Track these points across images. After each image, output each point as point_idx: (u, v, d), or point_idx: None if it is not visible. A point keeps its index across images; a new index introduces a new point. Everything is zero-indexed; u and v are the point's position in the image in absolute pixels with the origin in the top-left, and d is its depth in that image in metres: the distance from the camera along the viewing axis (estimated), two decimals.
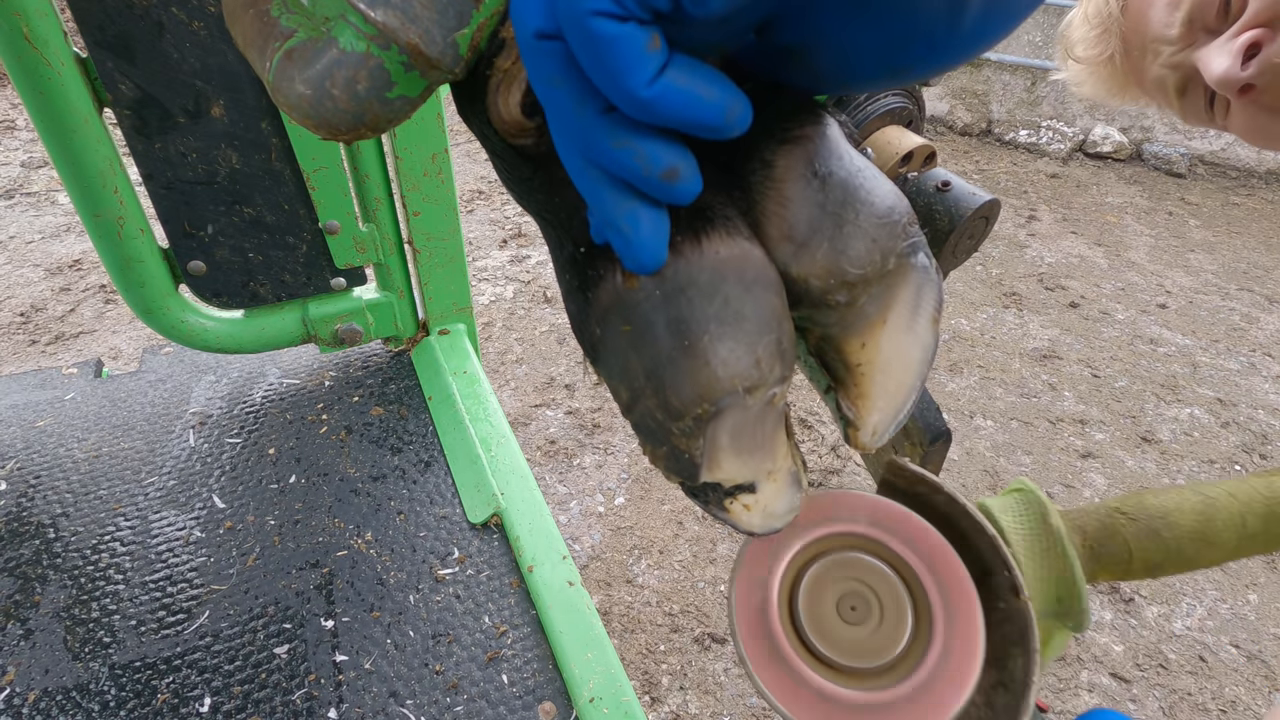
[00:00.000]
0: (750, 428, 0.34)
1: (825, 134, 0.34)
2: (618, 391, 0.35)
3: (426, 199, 1.12)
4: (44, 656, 0.79)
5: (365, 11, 0.29)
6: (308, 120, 0.32)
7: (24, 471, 1.00)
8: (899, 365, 0.37)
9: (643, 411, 0.34)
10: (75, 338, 2.83)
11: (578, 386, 2.69)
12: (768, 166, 0.34)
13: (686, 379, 0.32)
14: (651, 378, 0.32)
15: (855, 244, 0.34)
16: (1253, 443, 2.59)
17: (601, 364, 0.35)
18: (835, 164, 0.34)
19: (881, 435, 0.38)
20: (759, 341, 0.32)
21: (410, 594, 0.86)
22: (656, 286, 0.31)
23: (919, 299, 0.36)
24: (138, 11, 0.85)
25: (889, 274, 0.35)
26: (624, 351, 0.33)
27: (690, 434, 0.33)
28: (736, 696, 1.77)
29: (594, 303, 0.33)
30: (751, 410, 0.33)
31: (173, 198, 0.98)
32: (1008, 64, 4.96)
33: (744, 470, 0.35)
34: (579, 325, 0.35)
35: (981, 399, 2.74)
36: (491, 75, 0.32)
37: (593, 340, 0.34)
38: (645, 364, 0.32)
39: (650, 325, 0.32)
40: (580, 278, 0.34)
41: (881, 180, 0.35)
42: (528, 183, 0.36)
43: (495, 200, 3.99)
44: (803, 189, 0.33)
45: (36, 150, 4.15)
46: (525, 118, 0.32)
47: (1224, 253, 3.84)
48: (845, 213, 0.34)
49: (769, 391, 0.33)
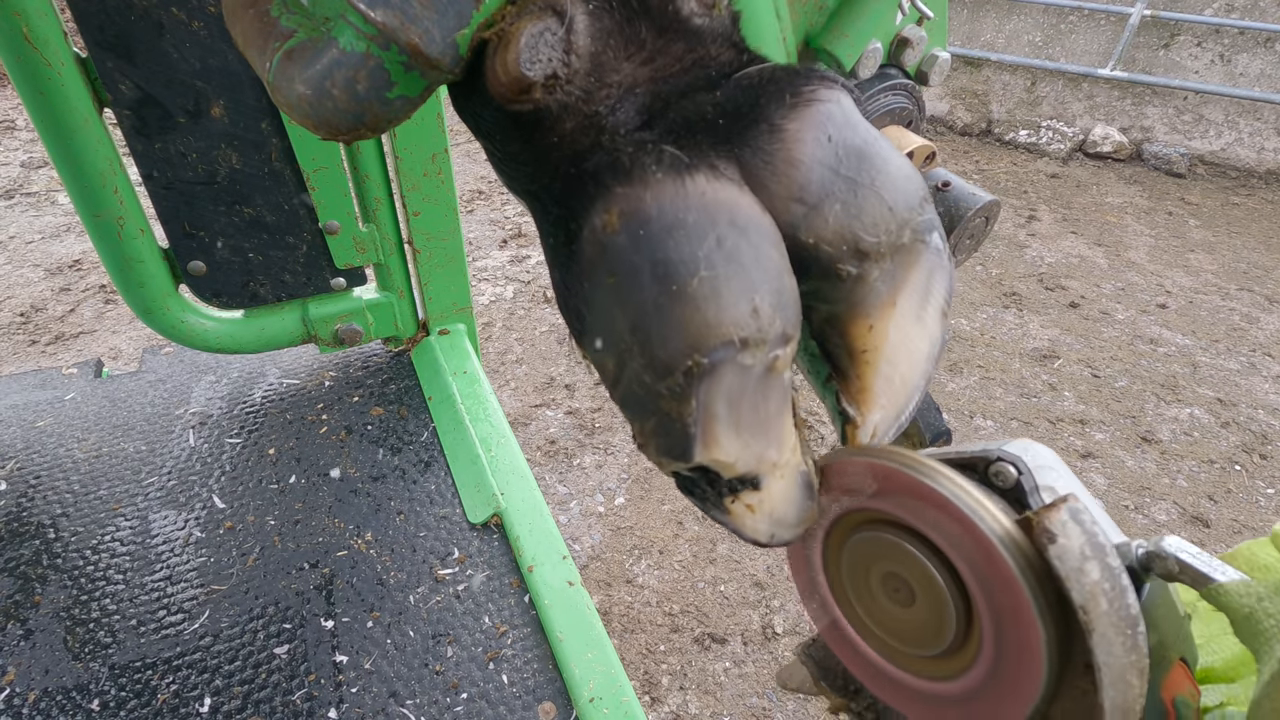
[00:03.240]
0: (750, 397, 0.31)
1: (840, 100, 0.33)
2: (604, 364, 0.32)
3: (426, 199, 1.12)
4: (44, 656, 0.79)
5: (365, 11, 0.29)
6: (308, 120, 0.32)
7: (24, 471, 1.00)
8: (905, 357, 0.35)
9: (630, 378, 0.31)
10: (75, 338, 2.83)
11: (578, 386, 2.69)
12: (777, 130, 0.32)
13: (674, 326, 0.29)
14: (637, 331, 0.30)
15: (870, 208, 0.32)
16: (1253, 443, 2.59)
17: (588, 333, 0.32)
18: (850, 131, 0.32)
19: (882, 436, 0.36)
20: (757, 289, 0.29)
21: (410, 594, 0.86)
22: (640, 226, 0.29)
23: (930, 285, 0.34)
24: (138, 11, 0.85)
25: (903, 249, 0.33)
26: (610, 310, 0.31)
27: (680, 395, 0.30)
28: (736, 696, 1.77)
29: (578, 258, 0.32)
30: (750, 374, 0.30)
31: (173, 198, 0.98)
32: (1008, 64, 4.96)
33: (744, 454, 0.32)
34: (564, 294, 0.33)
35: (981, 399, 2.74)
36: (487, 43, 0.32)
37: (578, 305, 0.32)
38: (631, 316, 0.30)
39: (635, 271, 0.29)
40: (563, 234, 0.33)
41: (898, 153, 0.33)
42: (518, 157, 0.35)
43: (495, 200, 3.99)
44: (815, 150, 0.31)
45: (36, 150, 4.15)
46: (522, 72, 0.31)
47: (1224, 253, 3.84)
48: (860, 176, 0.32)
49: (769, 352, 0.30)
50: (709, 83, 0.34)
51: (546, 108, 0.32)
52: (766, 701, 1.76)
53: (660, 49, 0.33)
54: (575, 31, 0.31)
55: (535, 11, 0.31)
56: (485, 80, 0.32)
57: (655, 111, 0.33)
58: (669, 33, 0.33)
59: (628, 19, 0.33)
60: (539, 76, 0.31)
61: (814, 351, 0.37)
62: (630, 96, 0.33)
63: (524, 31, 0.30)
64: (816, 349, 0.37)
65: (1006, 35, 4.98)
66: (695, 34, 0.34)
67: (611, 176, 0.31)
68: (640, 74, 0.33)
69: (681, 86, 0.33)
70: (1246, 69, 4.38)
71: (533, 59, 0.31)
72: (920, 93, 0.71)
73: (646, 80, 0.33)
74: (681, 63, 0.34)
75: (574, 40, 0.31)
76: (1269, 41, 4.28)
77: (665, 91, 0.33)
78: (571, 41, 0.31)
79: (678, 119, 0.33)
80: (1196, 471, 2.47)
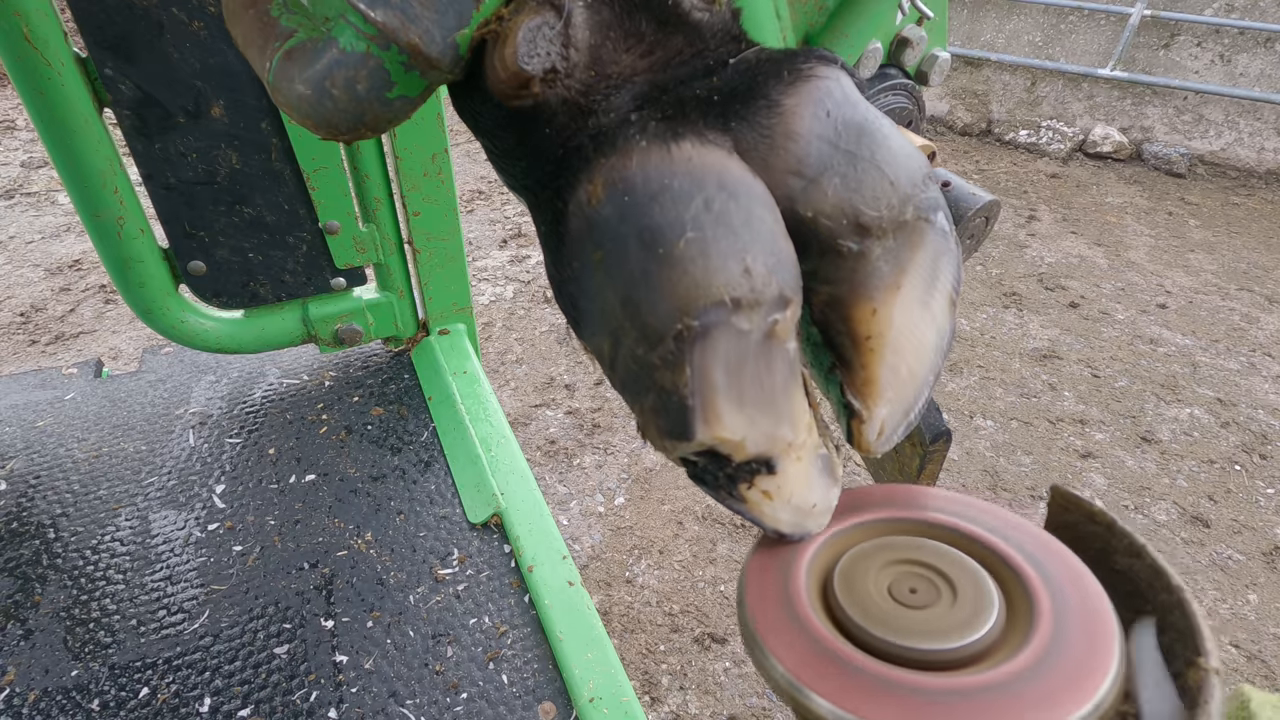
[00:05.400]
0: (751, 367, 0.29)
1: (839, 78, 0.32)
2: (600, 347, 0.32)
3: (426, 199, 1.12)
4: (44, 656, 0.79)
5: (365, 11, 0.29)
6: (308, 120, 0.32)
7: (24, 471, 1.00)
8: (911, 346, 0.33)
9: (625, 356, 0.30)
10: (75, 338, 2.83)
11: (578, 386, 2.69)
12: (775, 105, 0.31)
13: (662, 290, 0.28)
14: (628, 304, 0.29)
15: (870, 181, 0.31)
16: (1253, 443, 2.59)
17: (582, 316, 0.32)
18: (849, 107, 0.32)
19: (889, 435, 0.34)
20: (749, 249, 0.28)
21: (410, 594, 0.86)
22: (624, 194, 0.29)
23: (937, 268, 0.33)
24: (138, 11, 0.85)
25: (906, 227, 0.32)
26: (600, 287, 0.30)
27: (673, 362, 0.28)
28: (737, 696, 1.77)
29: (567, 238, 0.31)
30: (748, 340, 0.29)
31: (173, 198, 0.98)
32: (1008, 64, 4.96)
33: (752, 432, 0.30)
34: (557, 280, 0.33)
35: (981, 399, 2.74)
36: (486, 40, 0.32)
37: (571, 288, 0.32)
38: (621, 289, 0.29)
39: (622, 241, 0.29)
40: (552, 213, 0.32)
41: (899, 132, 0.33)
42: (515, 155, 0.34)
43: (495, 200, 3.99)
44: (813, 124, 0.31)
45: (36, 150, 4.15)
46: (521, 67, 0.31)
47: (1224, 253, 3.84)
48: (860, 150, 0.31)
49: (766, 315, 0.29)
50: (707, 72, 0.33)
51: (545, 102, 0.32)
52: (766, 701, 1.76)
53: (660, 42, 0.33)
54: (574, 25, 0.31)
55: (533, 6, 0.30)
56: (485, 76, 0.32)
57: (650, 98, 0.33)
58: (669, 26, 0.33)
59: (627, 12, 0.32)
60: (538, 71, 0.31)
61: (816, 340, 0.35)
62: (627, 85, 0.33)
63: (522, 26, 0.30)
64: (819, 337, 0.35)
65: (1006, 35, 4.98)
66: (695, 28, 0.34)
67: (595, 149, 0.30)
68: (639, 66, 0.33)
69: (681, 76, 0.33)
70: (1246, 69, 4.38)
71: (531, 53, 0.30)
72: (920, 93, 0.71)
73: (645, 71, 0.33)
74: (681, 55, 0.34)
75: (572, 34, 0.31)
76: (1269, 41, 4.28)
77: (663, 80, 0.33)
78: (570, 35, 0.31)
79: (671, 101, 0.32)
80: (1196, 471, 2.47)
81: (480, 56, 0.32)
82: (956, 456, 2.48)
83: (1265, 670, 1.88)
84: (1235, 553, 2.18)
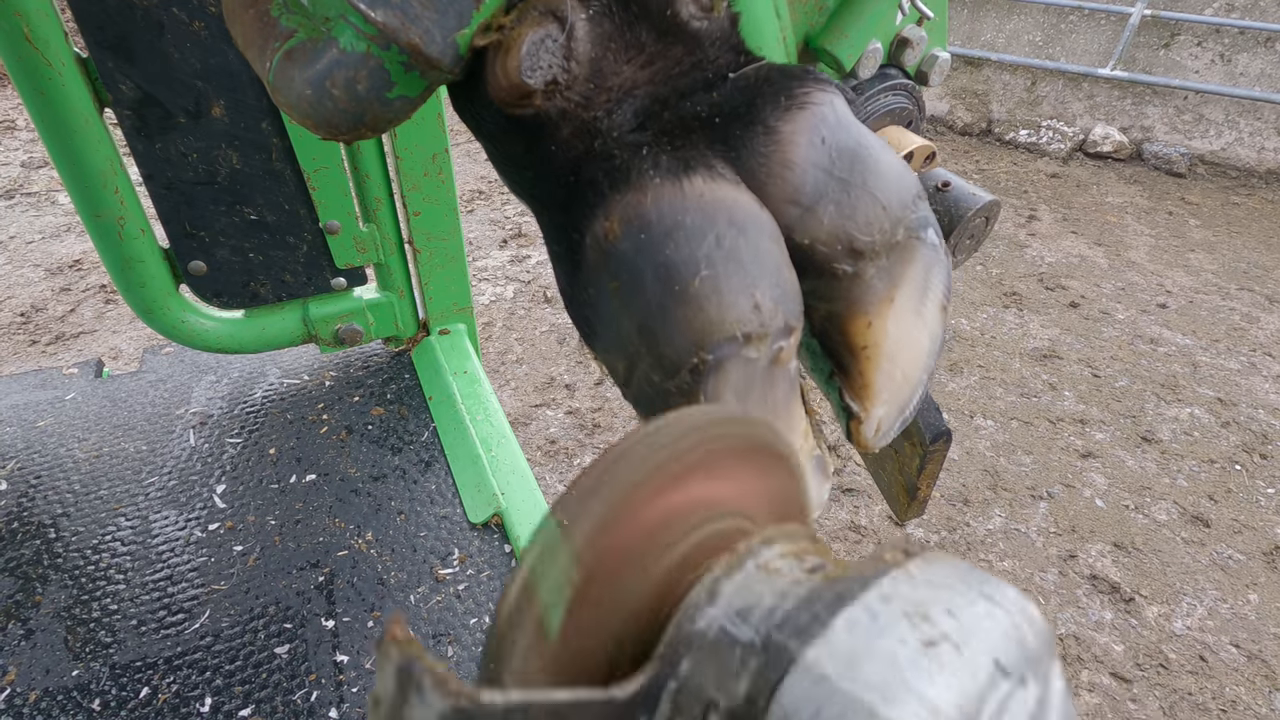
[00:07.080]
0: (757, 389, 0.31)
1: (833, 103, 0.34)
2: (614, 366, 0.33)
3: (427, 199, 1.12)
4: (45, 656, 0.79)
5: (365, 12, 0.29)
6: (308, 120, 0.32)
7: (25, 471, 1.00)
8: (906, 352, 0.35)
9: (640, 378, 0.32)
10: (75, 338, 2.83)
11: (578, 386, 2.69)
12: (772, 132, 0.33)
13: (679, 326, 0.29)
14: (644, 333, 0.30)
15: (863, 208, 0.33)
16: (1253, 442, 2.59)
17: (597, 337, 0.33)
18: (843, 132, 0.33)
19: (886, 432, 0.36)
20: (757, 284, 0.30)
21: (411, 594, 0.86)
22: (640, 231, 0.30)
23: (928, 279, 0.35)
24: (138, 11, 0.85)
25: (898, 246, 0.33)
26: (616, 314, 0.31)
27: (688, 392, 0.30)
28: None
29: (583, 265, 0.32)
30: (756, 365, 0.31)
31: (173, 198, 0.98)
32: (1008, 64, 4.96)
33: None
34: (571, 298, 0.34)
35: (981, 399, 2.74)
36: (488, 47, 0.32)
37: (586, 311, 0.33)
38: (637, 319, 0.30)
39: (638, 275, 0.30)
40: (566, 242, 0.33)
41: (890, 153, 0.34)
42: (519, 161, 0.35)
43: (495, 200, 3.99)
44: (809, 152, 0.32)
45: (36, 150, 4.15)
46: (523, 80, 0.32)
47: (1224, 253, 3.84)
48: (853, 177, 0.32)
49: (773, 344, 0.31)
50: (707, 84, 0.34)
51: (546, 113, 0.32)
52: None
53: (660, 52, 0.34)
54: (576, 38, 0.31)
55: (536, 18, 0.31)
56: (486, 85, 0.32)
57: (652, 114, 0.33)
58: (668, 36, 0.34)
59: (628, 23, 0.33)
60: (539, 84, 0.31)
61: (816, 349, 0.37)
62: (628, 99, 0.33)
63: (525, 38, 0.30)
64: (818, 346, 0.37)
65: (1006, 35, 4.98)
66: (694, 37, 0.34)
67: (610, 184, 0.31)
68: (639, 77, 0.33)
69: (680, 88, 0.34)
70: (1246, 69, 4.38)
71: (534, 66, 0.31)
72: (920, 93, 0.71)
73: (645, 83, 0.34)
74: (680, 65, 0.34)
75: (575, 47, 0.32)
76: (1269, 41, 4.28)
77: (663, 94, 0.34)
78: (572, 48, 0.31)
79: (673, 120, 0.33)
80: (1197, 471, 2.47)
81: (481, 59, 0.32)
82: (956, 456, 2.48)
83: (1266, 670, 1.88)
84: (1236, 552, 2.18)
